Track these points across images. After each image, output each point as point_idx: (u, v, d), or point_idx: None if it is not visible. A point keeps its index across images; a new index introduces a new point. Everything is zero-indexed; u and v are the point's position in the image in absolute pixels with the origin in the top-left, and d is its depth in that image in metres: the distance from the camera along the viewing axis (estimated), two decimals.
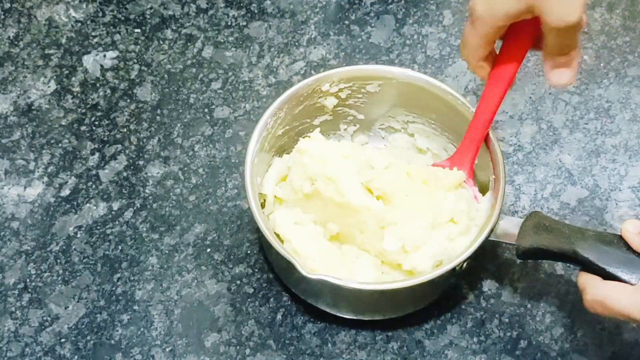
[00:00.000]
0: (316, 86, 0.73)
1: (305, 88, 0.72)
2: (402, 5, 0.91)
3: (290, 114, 0.73)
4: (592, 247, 0.59)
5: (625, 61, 0.87)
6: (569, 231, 0.61)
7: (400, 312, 0.71)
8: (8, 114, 0.84)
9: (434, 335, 0.70)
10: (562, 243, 0.61)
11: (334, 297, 0.69)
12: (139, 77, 0.86)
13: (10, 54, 0.88)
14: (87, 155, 0.81)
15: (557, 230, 0.62)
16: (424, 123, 0.76)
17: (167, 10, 0.91)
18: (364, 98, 0.75)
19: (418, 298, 0.70)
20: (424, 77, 0.73)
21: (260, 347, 0.70)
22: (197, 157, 0.81)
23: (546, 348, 0.70)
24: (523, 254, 0.64)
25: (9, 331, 0.71)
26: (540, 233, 0.62)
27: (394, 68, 0.75)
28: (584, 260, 0.59)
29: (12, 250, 0.75)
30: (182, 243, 0.76)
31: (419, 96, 0.73)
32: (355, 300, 0.69)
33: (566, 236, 0.61)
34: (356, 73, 0.74)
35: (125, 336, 0.71)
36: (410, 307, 0.70)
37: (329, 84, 0.73)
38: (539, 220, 0.64)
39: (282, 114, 0.72)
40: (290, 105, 0.72)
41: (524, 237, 0.63)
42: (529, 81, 0.85)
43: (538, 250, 0.63)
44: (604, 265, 0.58)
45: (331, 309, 0.70)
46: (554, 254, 0.62)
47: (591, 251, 0.59)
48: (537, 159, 0.80)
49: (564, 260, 0.62)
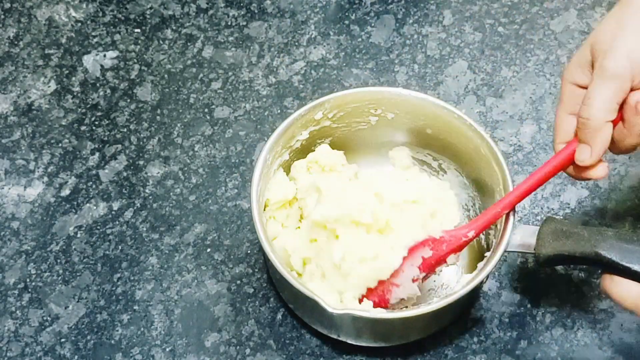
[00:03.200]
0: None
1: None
2: (402, 5, 0.91)
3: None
4: (614, 247, 0.58)
5: None
6: (588, 234, 0.60)
7: (422, 334, 0.69)
8: (8, 114, 0.84)
9: (434, 335, 0.70)
10: (583, 247, 0.60)
11: (357, 329, 0.67)
12: (139, 77, 0.86)
13: (10, 54, 0.88)
14: (87, 155, 0.81)
15: (576, 234, 0.61)
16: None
17: (167, 10, 0.91)
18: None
19: (439, 320, 0.69)
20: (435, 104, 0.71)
21: (260, 347, 0.70)
22: (197, 157, 0.81)
23: (546, 348, 0.70)
24: (545, 262, 0.62)
25: (9, 331, 0.71)
26: (559, 239, 0.61)
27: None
28: (607, 261, 0.58)
29: (12, 250, 0.75)
30: (182, 243, 0.76)
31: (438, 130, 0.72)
32: (381, 329, 0.67)
33: (586, 239, 0.60)
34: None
35: (125, 336, 0.71)
36: (434, 327, 0.69)
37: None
38: (555, 226, 0.62)
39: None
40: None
41: (544, 245, 0.62)
42: (529, 81, 0.85)
43: (559, 256, 0.61)
44: (628, 264, 0.57)
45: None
46: (576, 259, 0.61)
47: (614, 251, 0.58)
48: (537, 159, 0.80)
49: (587, 263, 0.61)
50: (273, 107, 0.84)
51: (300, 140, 0.72)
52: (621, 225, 0.76)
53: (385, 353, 0.70)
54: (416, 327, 0.68)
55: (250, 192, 0.67)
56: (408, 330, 0.68)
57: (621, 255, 0.58)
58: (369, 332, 0.68)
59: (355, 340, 0.68)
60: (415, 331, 0.69)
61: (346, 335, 0.68)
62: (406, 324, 0.66)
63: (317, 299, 0.61)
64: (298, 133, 0.71)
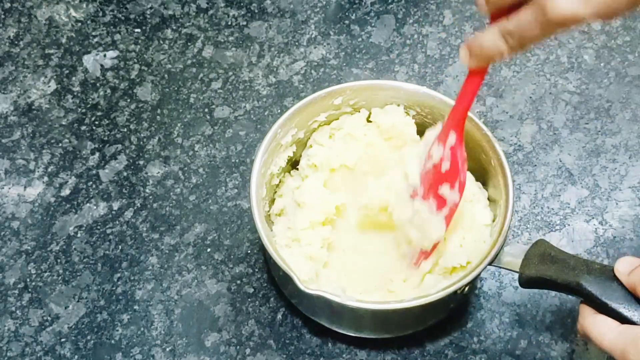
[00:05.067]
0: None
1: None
2: (402, 5, 0.91)
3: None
4: (597, 281, 0.58)
5: (625, 61, 0.87)
6: (574, 262, 0.60)
7: (396, 332, 0.70)
8: (8, 114, 0.84)
9: (434, 335, 0.70)
10: (566, 275, 0.60)
11: (332, 314, 0.68)
12: (139, 77, 0.86)
13: (10, 54, 0.88)
14: (87, 155, 0.81)
15: (563, 261, 0.61)
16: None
17: (167, 10, 0.91)
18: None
19: (415, 320, 0.69)
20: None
21: (260, 347, 0.70)
22: (197, 156, 0.81)
23: (546, 348, 0.70)
24: (526, 283, 0.63)
25: (9, 331, 0.71)
26: (545, 263, 0.61)
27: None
28: (587, 293, 0.58)
29: (12, 250, 0.75)
30: (182, 243, 0.76)
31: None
32: (353, 318, 0.68)
33: (571, 268, 0.60)
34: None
35: (125, 336, 0.71)
36: (409, 328, 0.70)
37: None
38: (544, 250, 0.62)
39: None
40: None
41: (528, 266, 0.62)
42: (529, 81, 0.85)
43: (541, 279, 0.61)
44: (607, 301, 0.57)
45: (330, 325, 0.69)
46: (558, 285, 0.61)
47: (595, 285, 0.58)
48: (537, 158, 0.80)
49: (567, 291, 0.61)
50: (273, 107, 0.84)
51: (318, 121, 0.73)
52: (621, 226, 0.76)
53: (385, 352, 0.70)
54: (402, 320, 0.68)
55: (250, 192, 0.67)
56: (403, 321, 0.69)
57: (602, 291, 0.58)
58: (367, 322, 0.68)
59: (355, 332, 0.69)
60: (411, 322, 0.69)
61: (347, 327, 0.69)
62: (375, 316, 0.66)
63: (291, 274, 0.62)
64: (316, 115, 0.72)
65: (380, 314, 0.66)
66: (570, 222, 0.76)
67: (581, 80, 0.85)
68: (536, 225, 0.76)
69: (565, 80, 0.85)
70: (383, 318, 0.68)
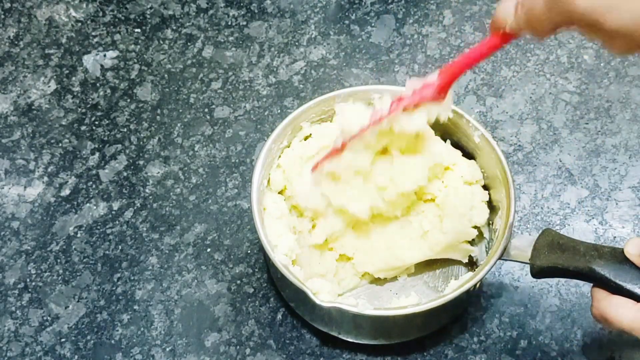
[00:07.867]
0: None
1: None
2: (402, 5, 0.91)
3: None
4: (609, 265, 0.59)
5: (625, 61, 0.87)
6: (584, 249, 0.61)
7: (422, 332, 0.70)
8: (8, 114, 0.84)
9: (434, 335, 0.70)
10: (577, 261, 0.60)
11: (348, 324, 0.68)
12: (139, 77, 0.86)
13: (10, 54, 0.88)
14: (87, 155, 0.81)
15: (572, 248, 0.61)
16: None
17: (167, 10, 0.91)
18: None
19: (428, 322, 0.69)
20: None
21: (260, 347, 0.70)
22: (197, 156, 0.81)
23: (546, 348, 0.70)
24: (538, 273, 0.63)
25: (9, 331, 0.71)
26: (554, 251, 0.62)
27: None
28: (601, 277, 0.58)
29: (12, 250, 0.75)
30: (182, 243, 0.76)
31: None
32: (360, 326, 0.68)
33: (582, 254, 0.60)
34: None
35: (125, 336, 0.71)
36: (423, 330, 0.70)
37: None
38: (552, 239, 0.62)
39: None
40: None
41: (539, 256, 0.62)
42: (529, 81, 0.85)
43: (553, 268, 0.62)
44: (622, 283, 0.57)
45: (355, 338, 0.69)
46: (570, 272, 0.61)
47: (608, 269, 0.58)
48: (537, 158, 0.80)
49: (580, 277, 0.61)
50: (273, 107, 0.84)
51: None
52: (621, 226, 0.76)
53: (385, 353, 0.70)
54: (415, 324, 0.68)
55: (251, 191, 0.67)
56: (406, 328, 0.69)
57: (615, 273, 0.58)
58: (366, 329, 0.68)
59: (355, 337, 0.68)
60: (414, 329, 0.69)
61: (346, 332, 0.68)
62: (401, 320, 0.66)
63: (306, 290, 0.61)
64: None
65: (402, 318, 0.65)
66: (570, 222, 0.76)
67: (581, 80, 0.85)
68: (536, 225, 0.76)
69: (565, 80, 0.85)
70: (407, 322, 0.67)
